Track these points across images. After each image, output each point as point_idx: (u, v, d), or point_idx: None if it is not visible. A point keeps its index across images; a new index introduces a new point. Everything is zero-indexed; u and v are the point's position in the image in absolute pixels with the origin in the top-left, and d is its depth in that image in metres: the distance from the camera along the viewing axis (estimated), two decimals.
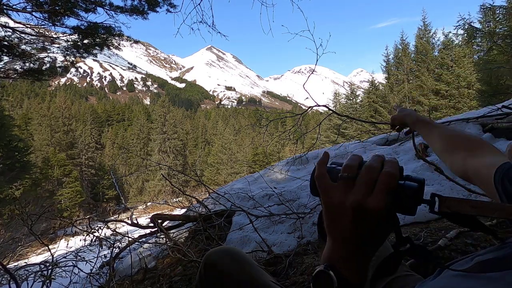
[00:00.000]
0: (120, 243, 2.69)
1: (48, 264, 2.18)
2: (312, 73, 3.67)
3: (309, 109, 3.17)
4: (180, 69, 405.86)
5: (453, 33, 16.91)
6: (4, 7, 4.77)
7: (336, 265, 0.40)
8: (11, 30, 5.22)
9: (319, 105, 2.87)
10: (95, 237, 2.45)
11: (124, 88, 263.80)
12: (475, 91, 18.90)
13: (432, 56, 22.06)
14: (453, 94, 19.96)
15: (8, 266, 2.53)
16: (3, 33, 5.21)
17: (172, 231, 2.91)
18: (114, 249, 2.54)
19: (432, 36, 22.55)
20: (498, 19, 15.91)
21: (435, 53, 22.36)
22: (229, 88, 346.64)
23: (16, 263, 4.31)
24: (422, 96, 21.28)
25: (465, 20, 12.39)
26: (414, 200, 0.39)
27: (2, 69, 5.74)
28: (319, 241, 2.17)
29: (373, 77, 26.60)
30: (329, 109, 2.86)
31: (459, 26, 12.13)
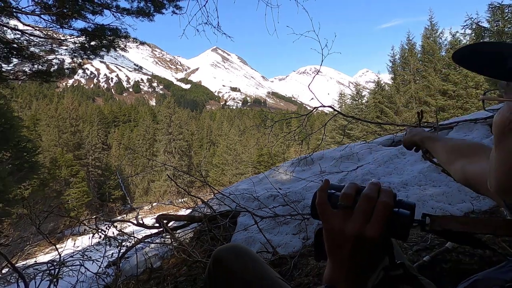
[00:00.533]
0: (126, 243, 2.71)
1: (55, 263, 2.20)
2: (317, 73, 3.66)
3: (314, 110, 3.16)
4: (186, 70, 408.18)
5: (461, 33, 16.74)
6: (14, 10, 4.86)
7: (337, 285, 0.43)
8: (20, 33, 5.31)
9: (324, 106, 2.86)
10: (102, 237, 2.47)
11: (130, 89, 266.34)
12: (483, 91, 18.60)
13: (439, 56, 21.80)
14: (461, 95, 19.69)
15: (16, 265, 2.57)
16: (12, 36, 5.31)
17: (177, 231, 2.93)
18: (120, 248, 2.56)
19: (439, 36, 22.30)
20: (507, 18, 15.67)
21: (442, 53, 22.10)
22: (234, 89, 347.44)
23: (24, 262, 4.37)
24: (429, 96, 21.04)
25: (472, 19, 12.23)
26: (407, 226, 0.42)
27: (11, 71, 5.84)
28: (315, 258, 2.13)
29: (379, 78, 26.39)
30: (335, 110, 2.85)
31: (467, 26, 11.97)
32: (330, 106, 2.88)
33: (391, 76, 24.98)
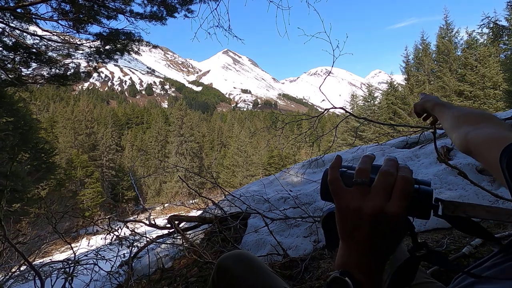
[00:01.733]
0: (138, 243, 2.75)
1: (70, 262, 2.26)
2: (328, 75, 3.63)
3: (326, 112, 3.13)
4: (197, 72, 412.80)
5: (478, 32, 16.24)
6: (33, 16, 5.04)
7: (352, 271, 0.39)
8: (39, 38, 5.50)
9: (335, 107, 2.83)
10: (115, 236, 2.52)
11: (143, 92, 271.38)
12: (501, 91, 18.00)
13: (455, 56, 21.24)
14: (478, 95, 19.09)
15: (33, 263, 2.64)
16: (32, 41, 5.51)
17: (188, 232, 2.95)
18: (132, 248, 2.60)
19: (455, 35, 21.74)
20: None
21: (458, 52, 21.52)
22: (244, 91, 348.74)
23: (41, 260, 4.50)
24: (444, 97, 20.48)
25: (490, 18, 11.87)
26: (429, 203, 0.39)
27: (30, 75, 6.06)
28: (327, 248, 2.07)
29: (391, 79, 25.93)
30: (346, 111, 2.82)
31: (484, 25, 11.64)
32: (341, 108, 2.84)
33: (404, 76, 24.51)
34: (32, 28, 5.40)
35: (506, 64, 17.51)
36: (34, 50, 5.45)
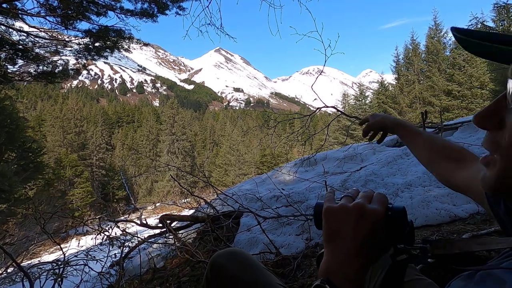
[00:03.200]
0: (129, 243, 2.72)
1: (59, 263, 2.22)
2: (320, 74, 3.66)
3: (318, 110, 3.16)
4: (189, 71, 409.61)
5: None
6: (19, 12, 4.92)
7: (333, 277, 0.42)
8: (25, 34, 5.37)
9: (327, 106, 2.85)
10: (105, 237, 2.48)
11: (134, 90, 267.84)
12: (488, 91, 18.46)
13: (444, 56, 21.65)
14: (466, 95, 19.53)
15: (22, 264, 2.59)
16: (18, 37, 5.37)
17: (180, 231, 2.94)
18: (123, 248, 2.57)
19: (444, 35, 22.16)
20: None
21: (447, 53, 21.95)
22: (237, 90, 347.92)
23: (29, 261, 4.41)
24: (433, 96, 20.89)
25: (477, 19, 12.14)
26: (403, 217, 0.44)
27: (17, 72, 5.91)
28: (316, 226, 2.11)
29: (382, 78, 26.28)
30: (338, 110, 2.84)
31: (472, 25, 11.90)
32: (333, 107, 2.87)
33: (394, 76, 24.87)
34: (18, 24, 5.26)
35: (492, 64, 17.95)
36: (20, 46, 5.32)
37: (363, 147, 4.08)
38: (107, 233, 2.52)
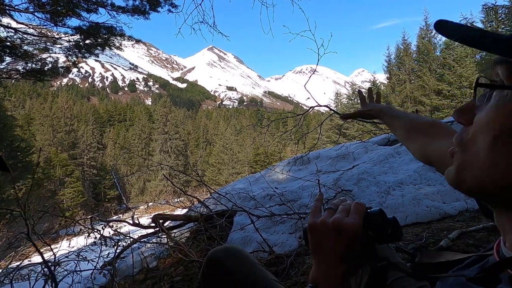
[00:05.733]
0: (122, 243, 2.69)
1: (50, 264, 2.18)
2: (313, 73, 3.67)
3: (311, 109, 3.17)
4: (182, 69, 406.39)
5: None
6: (7, 7, 4.80)
7: (320, 282, 0.49)
8: (13, 31, 5.24)
9: (320, 105, 2.87)
10: (97, 237, 2.45)
11: (126, 89, 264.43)
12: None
13: (434, 56, 21.98)
14: (455, 94, 19.88)
15: (10, 266, 2.54)
16: (5, 34, 5.24)
17: (173, 231, 2.92)
18: (116, 248, 2.54)
19: (434, 36, 22.48)
20: (500, 18, 15.85)
21: (437, 53, 22.30)
22: (230, 88, 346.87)
23: (18, 263, 4.32)
24: (424, 96, 21.21)
25: (467, 20, 12.35)
26: (381, 221, 0.48)
27: (4, 70, 5.77)
28: (306, 245, 2.14)
29: (374, 77, 26.56)
30: (331, 109, 2.86)
31: None
32: (326, 106, 2.88)
33: (386, 76, 25.15)
34: (5, 20, 5.13)
35: (481, 64, 18.32)
36: (8, 43, 5.19)
37: (356, 146, 4.12)
38: (98, 233, 2.49)
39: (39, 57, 5.76)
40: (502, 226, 0.35)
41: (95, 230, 2.50)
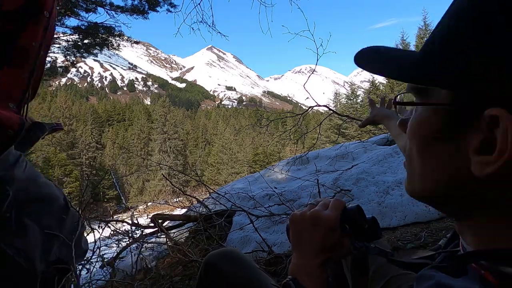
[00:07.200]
0: (121, 243, 2.69)
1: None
2: (312, 73, 3.68)
3: (310, 109, 3.18)
4: (181, 69, 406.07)
5: None
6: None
7: (298, 276, 0.51)
8: None
9: (319, 105, 2.88)
10: (98, 236, 2.44)
11: (125, 88, 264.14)
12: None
13: None
14: None
15: None
16: None
17: (172, 231, 2.92)
18: (115, 248, 2.54)
19: None
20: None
21: None
22: (229, 88, 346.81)
23: None
24: None
25: None
26: (358, 215, 0.52)
27: None
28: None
29: (373, 77, 26.56)
30: (330, 109, 2.87)
31: None
32: (325, 106, 2.89)
33: None
34: None
35: None
36: None
37: (355, 146, 4.12)
38: (97, 233, 2.48)
39: None
40: (459, 231, 0.36)
41: (94, 230, 2.50)
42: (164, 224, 2.93)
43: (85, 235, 2.47)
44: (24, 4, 0.70)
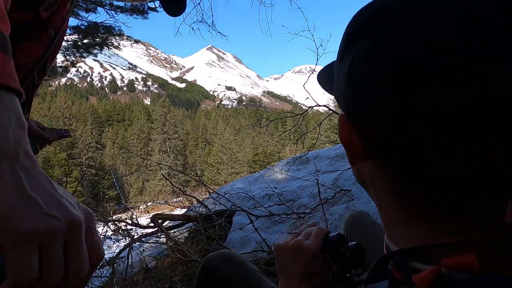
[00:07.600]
0: (121, 242, 2.69)
1: None
2: (312, 73, 3.67)
3: (310, 109, 3.18)
4: (181, 69, 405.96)
5: None
6: None
7: None
8: None
9: (319, 105, 2.88)
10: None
11: (125, 88, 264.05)
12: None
13: None
14: None
15: None
16: None
17: (172, 231, 2.92)
18: (115, 248, 2.54)
19: None
20: None
21: None
22: (229, 88, 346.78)
23: None
24: None
25: None
26: (339, 244, 0.53)
27: None
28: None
29: None
30: (330, 109, 2.87)
31: None
32: (325, 106, 2.89)
33: None
34: None
35: None
36: None
37: None
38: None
39: None
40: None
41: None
42: (164, 224, 2.93)
43: None
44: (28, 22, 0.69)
